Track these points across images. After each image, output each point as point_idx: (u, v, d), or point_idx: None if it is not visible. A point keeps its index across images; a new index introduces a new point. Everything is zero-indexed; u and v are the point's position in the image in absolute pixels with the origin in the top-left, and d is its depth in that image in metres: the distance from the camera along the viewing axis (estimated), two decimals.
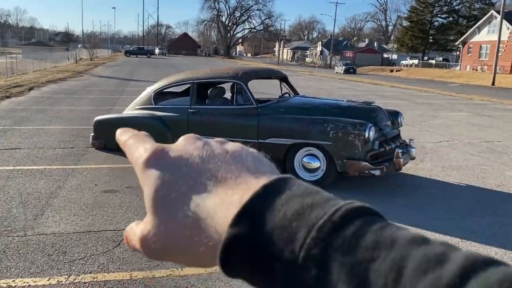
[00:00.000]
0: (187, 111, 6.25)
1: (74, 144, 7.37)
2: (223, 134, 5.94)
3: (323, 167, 5.33)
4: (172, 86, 6.78)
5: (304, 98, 6.72)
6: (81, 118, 10.06)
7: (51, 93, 15.52)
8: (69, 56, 41.37)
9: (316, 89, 21.71)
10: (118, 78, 23.79)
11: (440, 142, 8.86)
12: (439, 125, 11.14)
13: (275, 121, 5.63)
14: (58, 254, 3.47)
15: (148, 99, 6.78)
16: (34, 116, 10.12)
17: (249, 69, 6.87)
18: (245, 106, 5.96)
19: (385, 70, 54.50)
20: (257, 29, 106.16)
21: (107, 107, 11.98)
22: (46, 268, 3.25)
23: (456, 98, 20.40)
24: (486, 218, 4.67)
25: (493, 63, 33.84)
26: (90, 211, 4.41)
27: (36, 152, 6.74)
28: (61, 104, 12.52)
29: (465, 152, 7.93)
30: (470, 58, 50.78)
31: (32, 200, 4.67)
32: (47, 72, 25.22)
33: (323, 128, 5.23)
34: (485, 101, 19.16)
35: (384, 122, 5.67)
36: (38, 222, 4.09)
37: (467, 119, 12.74)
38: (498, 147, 8.58)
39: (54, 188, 5.08)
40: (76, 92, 15.98)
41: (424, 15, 62.45)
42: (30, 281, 3.07)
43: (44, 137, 7.82)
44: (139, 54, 71.00)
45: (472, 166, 6.90)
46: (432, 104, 16.64)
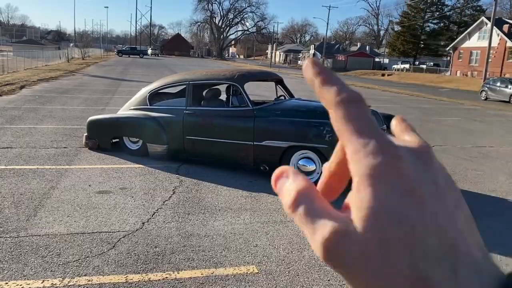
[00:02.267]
0: (182, 112, 6.21)
1: (67, 144, 7.29)
2: (219, 136, 5.92)
3: (318, 170, 5.33)
4: (167, 87, 6.74)
5: (300, 101, 6.71)
6: (73, 118, 9.96)
7: (43, 91, 15.36)
8: (61, 55, 41.03)
9: (309, 91, 21.75)
10: (111, 78, 23.63)
11: (433, 146, 8.91)
12: (431, 130, 11.21)
13: (271, 123, 5.62)
14: (52, 256, 3.42)
15: (143, 99, 6.73)
16: (25, 115, 9.99)
17: (246, 71, 6.85)
18: (241, 108, 5.94)
19: (376, 74, 54.83)
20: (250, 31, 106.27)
21: (100, 107, 11.88)
22: (40, 270, 3.20)
23: (447, 102, 20.57)
24: (479, 222, 4.67)
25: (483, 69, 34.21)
26: (84, 212, 4.36)
27: (28, 151, 6.65)
28: (53, 103, 12.39)
29: (457, 157, 7.99)
30: (461, 64, 51.26)
31: (24, 200, 4.60)
32: (38, 71, 24.97)
33: (320, 131, 5.23)
34: (476, 106, 19.34)
35: (379, 127, 5.68)
36: (31, 223, 4.03)
37: (459, 124, 12.84)
38: (491, 152, 8.66)
39: (47, 189, 5.01)
40: (69, 91, 15.83)
41: (415, 20, 62.96)
42: (24, 283, 3.01)
43: (36, 137, 7.73)
44: (131, 54, 70.57)
45: (465, 171, 6.94)
46: (423, 109, 16.76)
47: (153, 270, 3.28)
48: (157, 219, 4.29)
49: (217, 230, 4.09)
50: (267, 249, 3.76)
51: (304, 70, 0.31)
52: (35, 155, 6.44)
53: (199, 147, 6.13)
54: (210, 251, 3.64)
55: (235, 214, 4.54)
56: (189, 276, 3.23)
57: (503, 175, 6.81)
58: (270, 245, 3.83)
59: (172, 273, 3.25)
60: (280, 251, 3.73)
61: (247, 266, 3.42)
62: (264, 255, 3.64)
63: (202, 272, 3.29)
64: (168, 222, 4.22)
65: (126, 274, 3.20)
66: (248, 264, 3.47)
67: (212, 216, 4.46)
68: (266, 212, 4.66)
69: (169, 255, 3.53)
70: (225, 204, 4.82)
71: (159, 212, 4.48)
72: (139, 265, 3.34)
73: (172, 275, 3.22)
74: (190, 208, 4.66)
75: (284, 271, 3.38)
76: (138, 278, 3.16)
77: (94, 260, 3.39)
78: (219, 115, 6.04)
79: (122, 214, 4.36)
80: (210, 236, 3.96)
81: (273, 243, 3.88)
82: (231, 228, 4.17)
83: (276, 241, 3.93)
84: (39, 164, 6.01)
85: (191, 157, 6.31)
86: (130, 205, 4.63)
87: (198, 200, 4.92)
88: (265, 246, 3.81)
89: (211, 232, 4.04)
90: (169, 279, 3.17)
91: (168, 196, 4.98)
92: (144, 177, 5.67)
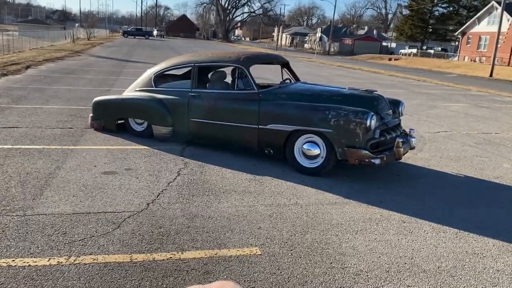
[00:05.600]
0: (187, 95, 6.20)
1: (72, 124, 7.32)
2: (224, 118, 5.92)
3: (323, 154, 5.33)
4: (173, 68, 6.72)
5: (305, 85, 6.67)
6: (79, 98, 9.98)
7: (49, 72, 15.35)
8: (66, 35, 40.86)
9: (315, 75, 21.60)
10: (116, 59, 23.55)
11: (439, 132, 8.87)
12: (437, 115, 11.15)
13: (276, 107, 5.60)
14: (57, 234, 3.46)
15: (149, 81, 6.72)
16: (31, 95, 10.01)
17: (251, 53, 6.80)
18: (246, 91, 5.92)
19: (383, 58, 54.27)
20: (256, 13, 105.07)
21: (106, 88, 11.88)
22: (46, 248, 3.25)
23: (454, 88, 20.38)
24: (483, 209, 4.70)
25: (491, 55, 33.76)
26: (90, 192, 4.40)
27: (34, 131, 6.68)
28: (59, 84, 12.40)
29: (463, 143, 7.95)
30: (469, 49, 50.60)
31: (31, 179, 4.64)
32: (44, 51, 24.92)
33: (325, 115, 5.21)
34: (483, 92, 19.16)
35: (385, 111, 5.66)
36: (37, 202, 4.08)
37: (465, 110, 12.75)
38: (496, 138, 8.61)
39: (53, 168, 5.05)
40: (74, 72, 15.82)
41: (424, 4, 61.91)
42: (30, 261, 3.06)
43: (42, 117, 7.76)
44: (137, 35, 70.16)
45: (470, 157, 6.92)
46: (430, 94, 16.62)
47: (158, 250, 3.33)
48: (162, 200, 4.32)
49: (221, 212, 4.13)
50: (270, 231, 3.79)
51: None
52: (41, 135, 6.48)
53: (204, 129, 6.14)
54: (214, 233, 3.68)
55: (239, 197, 4.57)
56: (193, 257, 3.26)
57: (508, 162, 6.79)
58: (273, 228, 3.86)
59: (176, 253, 3.29)
60: (283, 233, 3.76)
61: (250, 248, 3.46)
62: (267, 237, 3.67)
63: (205, 253, 3.33)
64: (173, 204, 4.26)
65: (131, 254, 3.25)
66: (251, 245, 3.50)
67: (216, 198, 4.49)
68: (270, 195, 4.68)
69: (174, 236, 3.57)
70: (230, 187, 4.85)
71: (163, 193, 4.51)
72: (143, 245, 3.38)
73: (176, 255, 3.26)
74: (195, 190, 4.69)
75: (287, 253, 3.41)
76: (143, 258, 3.20)
77: (100, 239, 3.44)
78: (224, 98, 6.03)
79: (127, 195, 4.40)
80: (214, 217, 3.99)
81: (277, 225, 3.91)
82: (235, 210, 4.21)
83: (280, 223, 3.96)
84: (45, 144, 6.05)
85: (195, 139, 6.32)
86: (135, 186, 4.66)
87: (203, 182, 4.95)
88: (269, 228, 3.84)
89: (215, 214, 4.07)
90: (173, 259, 3.21)
91: (173, 178, 5.01)
92: (149, 159, 5.69)
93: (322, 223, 4.05)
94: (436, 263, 3.42)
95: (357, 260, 3.39)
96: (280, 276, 3.08)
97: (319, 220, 4.11)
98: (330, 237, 3.76)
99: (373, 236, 3.84)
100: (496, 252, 3.69)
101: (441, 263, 3.43)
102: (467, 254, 3.61)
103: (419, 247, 3.69)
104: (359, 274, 3.18)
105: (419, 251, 3.61)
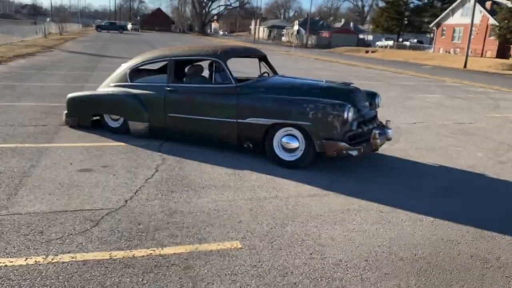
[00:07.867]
0: (164, 89, 6.14)
1: (46, 122, 7.15)
2: (201, 113, 5.88)
3: (302, 147, 5.36)
4: (148, 63, 6.62)
5: (283, 78, 6.69)
6: (52, 95, 9.76)
7: (20, 68, 14.95)
8: (37, 30, 39.77)
9: (293, 68, 21.67)
10: (90, 54, 23.10)
11: (415, 123, 9.03)
12: (413, 107, 11.34)
13: (254, 100, 5.60)
14: (34, 234, 3.40)
15: (124, 76, 6.62)
16: (1, 92, 9.74)
17: (229, 47, 6.77)
18: (224, 85, 5.89)
19: (360, 51, 54.80)
20: (232, 6, 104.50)
21: (80, 84, 11.65)
22: (23, 248, 3.18)
23: (430, 80, 20.76)
24: (458, 198, 4.82)
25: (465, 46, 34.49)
26: (66, 190, 4.32)
27: (6, 129, 6.51)
28: (30, 80, 12.09)
29: (438, 134, 8.12)
30: (444, 41, 51.56)
31: (4, 179, 4.53)
32: (14, 47, 24.22)
33: (303, 108, 5.24)
34: (457, 83, 19.58)
35: (362, 103, 5.72)
36: (12, 201, 3.98)
37: (441, 101, 13.01)
38: (470, 128, 8.82)
39: (28, 167, 4.94)
40: (46, 68, 15.44)
41: None
42: (7, 261, 2.99)
43: (14, 114, 7.56)
44: (111, 30, 68.89)
45: (445, 147, 7.08)
46: (406, 86, 16.90)
47: (137, 247, 3.30)
48: (140, 197, 4.28)
49: (200, 207, 4.11)
50: (250, 224, 3.80)
51: None
52: (14, 134, 6.32)
53: (181, 124, 6.09)
54: (194, 228, 3.67)
55: (219, 191, 4.56)
56: (173, 252, 3.25)
57: (482, 151, 6.97)
58: (253, 221, 3.87)
59: (156, 249, 3.27)
60: (264, 226, 3.78)
61: (230, 242, 3.46)
62: (247, 230, 3.68)
63: (186, 248, 3.32)
64: (151, 200, 4.22)
65: (110, 251, 3.21)
66: (231, 239, 3.51)
67: (195, 193, 4.47)
68: (249, 189, 4.69)
69: (153, 232, 3.55)
70: (209, 182, 4.83)
71: (142, 190, 4.47)
72: (123, 242, 3.35)
73: (156, 251, 3.24)
74: (174, 185, 4.66)
75: (267, 245, 3.43)
76: (123, 255, 3.17)
77: (78, 237, 3.39)
78: (201, 92, 5.99)
79: (104, 192, 4.34)
80: (193, 213, 3.98)
81: (257, 219, 3.93)
82: (215, 205, 4.20)
83: (260, 217, 3.97)
84: (18, 142, 5.90)
85: (173, 135, 6.27)
86: (113, 183, 4.60)
87: (182, 177, 4.92)
88: (249, 222, 3.86)
89: (195, 209, 4.06)
90: (153, 255, 3.19)
91: (150, 174, 4.96)
92: (126, 155, 5.62)
93: (302, 215, 4.08)
94: (413, 251, 3.50)
95: (336, 250, 3.43)
96: (261, 268, 3.10)
97: (298, 212, 4.14)
98: (310, 228, 3.80)
99: (351, 226, 3.90)
100: (470, 238, 3.79)
101: (417, 250, 3.51)
102: (443, 241, 3.70)
103: (396, 236, 3.76)
104: (338, 264, 3.23)
105: (396, 239, 3.68)
